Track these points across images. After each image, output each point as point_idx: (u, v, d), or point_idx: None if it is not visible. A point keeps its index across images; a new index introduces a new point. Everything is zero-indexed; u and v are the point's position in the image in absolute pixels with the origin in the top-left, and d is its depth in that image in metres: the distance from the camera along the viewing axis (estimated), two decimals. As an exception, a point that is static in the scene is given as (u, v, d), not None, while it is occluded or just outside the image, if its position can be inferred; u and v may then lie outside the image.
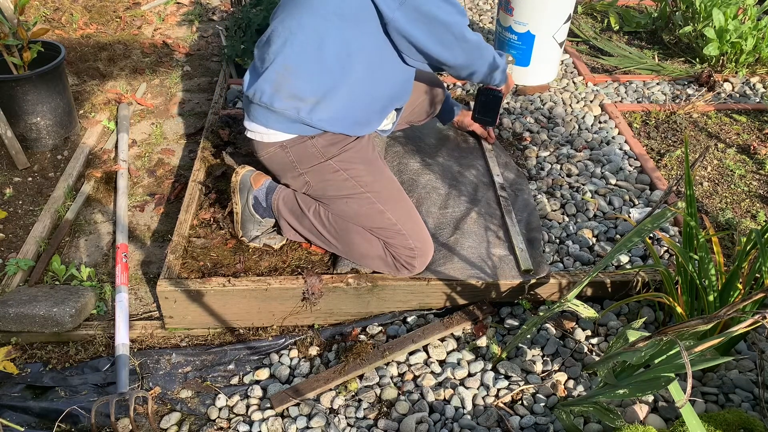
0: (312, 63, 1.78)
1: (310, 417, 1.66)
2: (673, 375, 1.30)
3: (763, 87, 3.17)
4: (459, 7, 1.82)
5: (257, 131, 1.89)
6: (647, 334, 1.37)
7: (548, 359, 1.81)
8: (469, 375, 1.77)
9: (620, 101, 3.03)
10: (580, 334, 1.88)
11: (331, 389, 1.73)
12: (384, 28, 1.77)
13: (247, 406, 1.71)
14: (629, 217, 2.23)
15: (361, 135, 1.94)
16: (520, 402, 1.70)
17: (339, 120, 1.85)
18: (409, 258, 1.86)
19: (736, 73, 3.24)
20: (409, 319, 1.94)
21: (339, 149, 1.89)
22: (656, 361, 1.42)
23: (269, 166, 1.98)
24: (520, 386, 1.73)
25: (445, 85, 3.05)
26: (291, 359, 1.84)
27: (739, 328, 1.24)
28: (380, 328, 1.91)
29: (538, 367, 1.78)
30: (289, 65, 1.79)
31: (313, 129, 1.85)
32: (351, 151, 1.90)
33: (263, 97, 1.82)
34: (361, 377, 1.76)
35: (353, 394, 1.72)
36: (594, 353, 1.83)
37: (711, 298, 1.64)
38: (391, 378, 1.77)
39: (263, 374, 1.79)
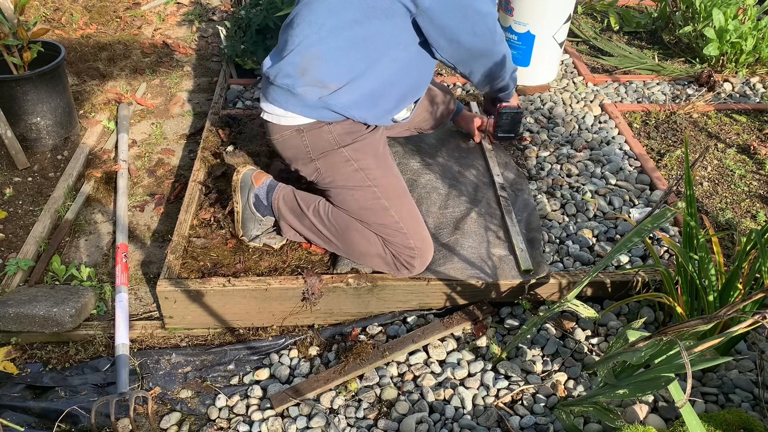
0: (339, 51, 1.78)
1: (310, 417, 1.66)
2: (673, 375, 1.30)
3: (763, 87, 3.17)
4: None
5: (275, 113, 1.88)
6: (647, 334, 1.37)
7: (548, 359, 1.81)
8: (469, 375, 1.77)
9: (620, 101, 3.03)
10: (580, 334, 1.88)
11: (331, 389, 1.73)
12: (413, 18, 1.77)
13: (247, 406, 1.71)
14: (629, 217, 2.23)
15: (378, 124, 1.94)
16: (520, 402, 1.70)
17: (359, 105, 1.85)
18: (409, 258, 1.86)
19: (736, 73, 3.24)
20: (409, 319, 1.94)
21: (353, 139, 1.89)
22: (656, 361, 1.42)
23: (281, 150, 1.97)
24: (520, 386, 1.73)
25: (445, 84, 3.05)
26: (291, 359, 1.84)
27: (739, 328, 1.24)
28: (380, 328, 1.91)
29: (538, 367, 1.78)
30: (315, 51, 1.78)
31: (333, 114, 1.84)
32: (364, 142, 1.91)
33: (285, 80, 1.81)
34: (361, 377, 1.76)
35: (353, 394, 1.72)
36: (594, 353, 1.83)
37: (711, 298, 1.64)
38: (391, 378, 1.77)
39: (263, 374, 1.79)
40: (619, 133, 2.74)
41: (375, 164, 1.91)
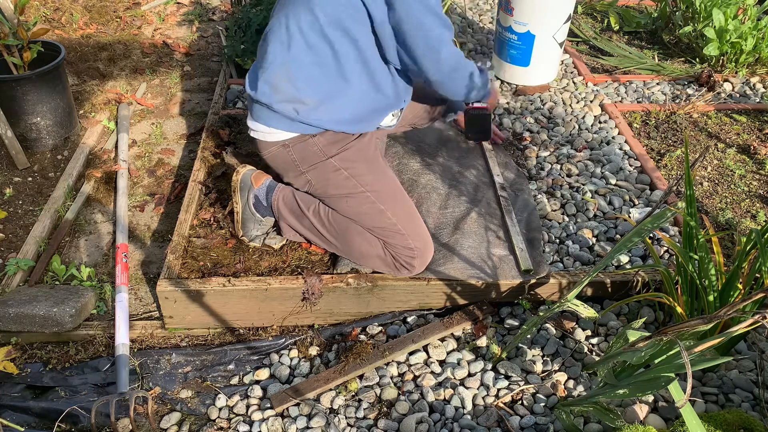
0: (312, 68, 1.79)
1: (310, 417, 1.66)
2: (673, 375, 1.30)
3: (763, 87, 3.17)
4: (445, 20, 1.80)
5: (260, 130, 1.91)
6: (647, 334, 1.37)
7: (548, 359, 1.81)
8: (469, 375, 1.77)
9: (620, 101, 3.03)
10: (580, 334, 1.88)
11: (331, 389, 1.73)
12: (374, 30, 1.78)
13: (247, 406, 1.71)
14: (629, 217, 2.23)
15: (363, 132, 1.94)
16: (520, 402, 1.70)
17: (339, 120, 1.86)
18: (409, 258, 1.86)
19: (736, 73, 3.24)
20: (409, 319, 1.94)
21: (340, 148, 1.89)
22: (656, 361, 1.42)
23: (272, 165, 2.00)
24: (520, 386, 1.73)
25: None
26: (291, 359, 1.84)
27: (739, 328, 1.24)
28: (380, 328, 1.91)
29: (538, 367, 1.78)
30: (288, 69, 1.79)
31: (315, 128, 1.86)
32: (352, 150, 1.91)
33: (263, 98, 1.83)
34: (361, 377, 1.76)
35: (353, 394, 1.72)
36: (594, 353, 1.83)
37: (711, 298, 1.64)
38: (391, 378, 1.77)
39: (263, 374, 1.79)
40: (619, 133, 2.74)
41: (366, 169, 1.91)
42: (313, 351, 1.86)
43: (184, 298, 1.84)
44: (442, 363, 1.82)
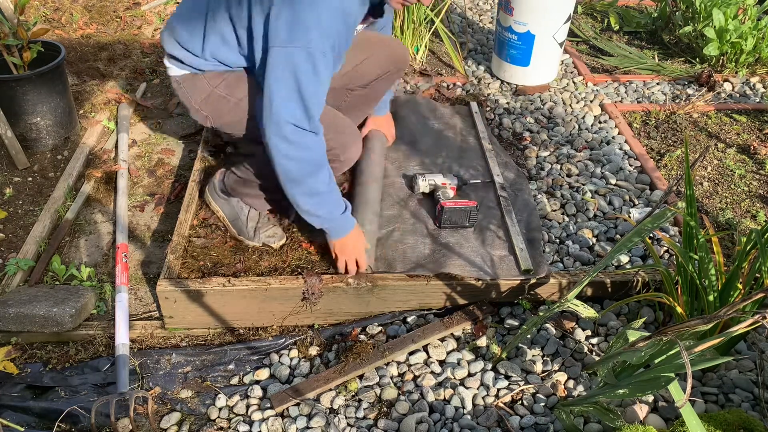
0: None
1: (310, 417, 1.66)
2: (673, 375, 1.30)
3: (763, 87, 3.17)
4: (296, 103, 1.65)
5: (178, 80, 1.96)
6: (647, 334, 1.37)
7: (548, 359, 1.81)
8: (469, 375, 1.77)
9: (620, 101, 3.03)
10: (580, 334, 1.88)
11: (331, 389, 1.73)
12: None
13: (247, 406, 1.71)
14: (629, 217, 2.23)
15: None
16: (520, 402, 1.70)
17: None
18: (333, 156, 1.83)
19: (736, 73, 3.24)
20: (409, 319, 1.94)
21: (222, 79, 1.89)
22: (656, 361, 1.42)
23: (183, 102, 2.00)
24: (520, 386, 1.73)
25: (445, 85, 3.05)
26: (291, 359, 1.84)
27: (739, 328, 1.24)
28: (380, 328, 1.91)
29: (538, 367, 1.78)
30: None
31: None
32: (233, 75, 1.89)
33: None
34: (361, 377, 1.76)
35: (353, 394, 1.72)
36: (594, 353, 1.83)
37: (711, 298, 1.64)
38: (391, 378, 1.77)
39: (263, 374, 1.79)
40: (619, 133, 2.74)
41: (245, 90, 1.88)
42: (313, 351, 1.86)
43: (184, 298, 1.84)
44: (442, 363, 1.82)
